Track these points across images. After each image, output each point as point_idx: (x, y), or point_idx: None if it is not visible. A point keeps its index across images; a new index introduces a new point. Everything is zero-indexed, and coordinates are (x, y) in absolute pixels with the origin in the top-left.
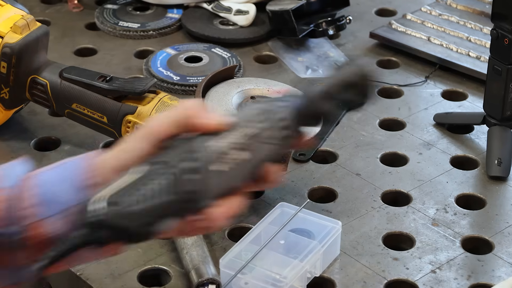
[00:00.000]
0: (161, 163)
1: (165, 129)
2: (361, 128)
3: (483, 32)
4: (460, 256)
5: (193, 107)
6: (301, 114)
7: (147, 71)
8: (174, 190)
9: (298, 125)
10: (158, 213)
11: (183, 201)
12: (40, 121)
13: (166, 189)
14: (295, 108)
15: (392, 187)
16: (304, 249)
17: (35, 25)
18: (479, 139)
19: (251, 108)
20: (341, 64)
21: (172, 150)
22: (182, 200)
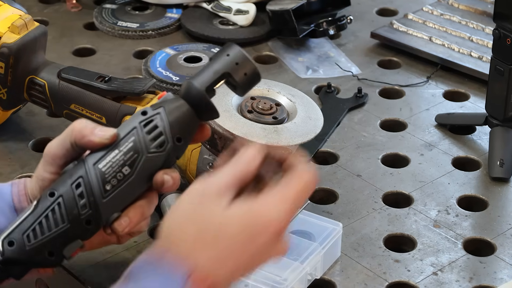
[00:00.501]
0: (49, 195)
1: (56, 153)
2: (362, 129)
3: (485, 32)
4: (462, 258)
5: (78, 127)
6: (176, 116)
7: (146, 72)
8: (64, 219)
9: (175, 130)
10: (56, 242)
11: (77, 227)
12: (38, 122)
13: (56, 220)
14: (166, 113)
15: (394, 188)
16: (304, 251)
17: (33, 25)
18: (481, 140)
19: (129, 120)
20: (214, 54)
21: (60, 179)
22: (75, 227)
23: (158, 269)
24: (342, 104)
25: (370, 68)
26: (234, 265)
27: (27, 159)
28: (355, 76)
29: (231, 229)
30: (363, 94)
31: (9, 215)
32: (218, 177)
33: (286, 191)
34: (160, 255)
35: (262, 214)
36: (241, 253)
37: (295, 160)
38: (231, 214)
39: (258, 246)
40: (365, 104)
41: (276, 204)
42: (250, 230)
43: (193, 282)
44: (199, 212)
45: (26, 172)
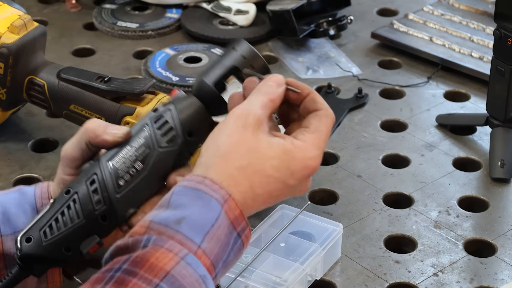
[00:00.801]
0: (65, 193)
1: (72, 155)
2: (362, 129)
3: (486, 32)
4: (463, 259)
5: (91, 127)
6: (187, 111)
7: (146, 72)
8: (79, 214)
9: (185, 124)
10: (72, 238)
11: (92, 222)
12: (37, 122)
13: (72, 216)
14: (176, 109)
15: (394, 189)
16: (304, 252)
17: (33, 25)
18: (482, 140)
19: (143, 118)
20: (223, 52)
21: (76, 178)
22: (90, 222)
23: (196, 196)
24: (343, 105)
25: (370, 69)
26: (265, 198)
27: (27, 160)
28: (355, 77)
29: (273, 162)
30: (363, 94)
31: (31, 215)
32: (251, 105)
33: (320, 134)
34: (199, 181)
35: (301, 155)
36: (275, 187)
37: (317, 97)
38: (272, 150)
39: (291, 183)
40: (365, 105)
41: (312, 147)
42: (289, 166)
43: (228, 207)
44: (240, 145)
45: (25, 173)
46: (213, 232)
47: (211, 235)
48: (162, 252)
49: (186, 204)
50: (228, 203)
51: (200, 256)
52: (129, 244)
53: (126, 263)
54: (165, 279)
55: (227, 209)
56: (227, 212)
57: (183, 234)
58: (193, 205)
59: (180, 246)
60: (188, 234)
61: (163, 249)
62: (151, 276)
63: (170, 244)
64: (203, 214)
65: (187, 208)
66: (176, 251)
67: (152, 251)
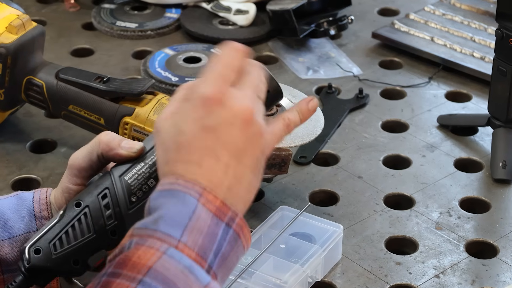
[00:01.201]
0: (75, 205)
1: (81, 165)
2: (363, 130)
3: (487, 32)
4: (464, 261)
5: (105, 140)
6: None
7: (145, 72)
8: (90, 229)
9: None
10: (82, 252)
11: (102, 237)
12: (36, 123)
13: (83, 230)
14: None
15: (395, 190)
16: (305, 254)
17: (31, 25)
18: (483, 141)
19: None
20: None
21: (86, 190)
22: (101, 237)
23: (171, 195)
24: (343, 105)
25: (371, 69)
26: (226, 161)
27: (25, 161)
28: (356, 77)
29: (188, 107)
30: (364, 94)
31: (28, 221)
32: (202, 83)
33: (246, 89)
34: (171, 183)
35: (191, 91)
36: (209, 138)
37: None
38: (171, 106)
39: (208, 122)
40: (366, 105)
41: (201, 80)
42: (194, 98)
43: (205, 200)
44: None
45: (23, 174)
46: (192, 225)
47: (191, 228)
48: (143, 250)
49: (162, 204)
50: (205, 196)
51: (182, 249)
52: (116, 253)
53: (111, 267)
54: (148, 274)
55: (204, 201)
56: (205, 204)
57: (161, 231)
58: (169, 204)
59: (160, 242)
60: (166, 230)
61: (144, 247)
62: (134, 273)
63: (150, 242)
64: (179, 209)
65: (163, 208)
66: (157, 247)
67: (134, 251)
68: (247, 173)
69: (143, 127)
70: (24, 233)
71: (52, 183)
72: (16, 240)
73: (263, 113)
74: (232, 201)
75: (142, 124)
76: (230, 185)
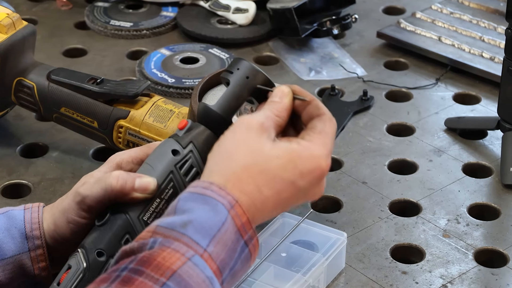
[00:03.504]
0: (97, 254)
1: (91, 204)
2: (367, 134)
3: (497, 31)
4: (473, 270)
5: (118, 186)
6: (206, 150)
7: (140, 73)
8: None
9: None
10: None
11: None
12: (26, 126)
13: None
14: (197, 149)
15: (401, 196)
16: (307, 262)
17: (21, 24)
18: (493, 145)
19: (161, 158)
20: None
21: (102, 234)
22: None
23: (203, 201)
24: (347, 108)
25: (376, 70)
26: (274, 200)
27: (15, 165)
28: (360, 78)
29: (279, 162)
30: (368, 97)
31: (20, 242)
32: (257, 114)
33: (326, 134)
34: (205, 187)
35: (308, 153)
36: (283, 188)
37: (320, 104)
38: (279, 149)
39: (301, 184)
40: (370, 108)
41: (320, 146)
42: (296, 166)
43: (235, 213)
44: (245, 146)
45: (14, 179)
46: (220, 237)
47: (218, 239)
48: (168, 252)
49: (193, 209)
50: (235, 209)
51: (206, 259)
52: (135, 248)
53: (133, 263)
54: (172, 278)
55: (234, 215)
56: (234, 217)
57: (189, 236)
58: (200, 209)
59: (187, 247)
60: (194, 237)
61: (169, 249)
62: (158, 275)
63: (176, 245)
64: (209, 217)
65: (193, 212)
66: (183, 252)
67: (159, 251)
68: (281, 204)
69: (138, 130)
70: (15, 254)
71: (43, 189)
72: (8, 262)
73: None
74: (257, 216)
75: (137, 128)
76: (260, 206)
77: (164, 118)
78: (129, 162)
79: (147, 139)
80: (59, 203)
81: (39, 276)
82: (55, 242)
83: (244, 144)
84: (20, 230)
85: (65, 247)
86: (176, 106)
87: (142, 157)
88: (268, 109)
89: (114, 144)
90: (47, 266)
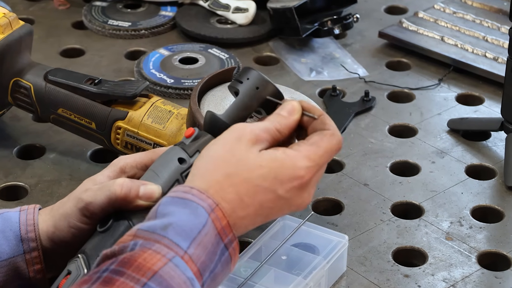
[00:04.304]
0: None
1: (95, 211)
2: (369, 135)
3: (500, 31)
4: (476, 273)
5: (122, 195)
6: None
7: (139, 74)
8: None
9: None
10: None
11: None
12: (23, 127)
13: None
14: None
15: (403, 198)
16: (307, 265)
17: (18, 23)
18: (496, 146)
19: (167, 166)
20: (237, 89)
21: (106, 242)
22: None
23: (183, 204)
24: (348, 108)
25: (378, 70)
26: (256, 208)
27: (12, 167)
28: (362, 79)
29: (260, 171)
30: (370, 97)
31: (15, 244)
32: (254, 124)
33: (317, 148)
34: (185, 191)
35: (290, 163)
36: (264, 197)
37: (327, 119)
38: (261, 159)
39: (281, 193)
40: (372, 109)
41: (304, 157)
42: (277, 175)
43: (215, 216)
44: (231, 155)
45: (10, 181)
46: (200, 239)
47: (198, 242)
48: (149, 254)
49: (173, 212)
50: (215, 212)
51: (187, 261)
52: (116, 250)
53: (113, 264)
54: (153, 279)
55: (214, 218)
56: (214, 221)
57: (169, 239)
58: (180, 212)
59: (167, 249)
60: (174, 239)
61: (150, 251)
62: (139, 275)
63: (157, 247)
64: (190, 220)
65: (174, 215)
66: (163, 253)
67: (140, 253)
68: (264, 214)
69: (136, 131)
70: (10, 257)
71: (40, 191)
72: (2, 265)
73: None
74: (239, 224)
75: (136, 129)
76: (241, 214)
77: (163, 119)
78: (133, 167)
79: (145, 141)
80: (59, 206)
81: (34, 278)
82: (53, 245)
83: (231, 153)
84: (15, 232)
85: (63, 250)
86: (175, 107)
87: (146, 162)
88: (271, 121)
89: (112, 146)
90: (42, 268)
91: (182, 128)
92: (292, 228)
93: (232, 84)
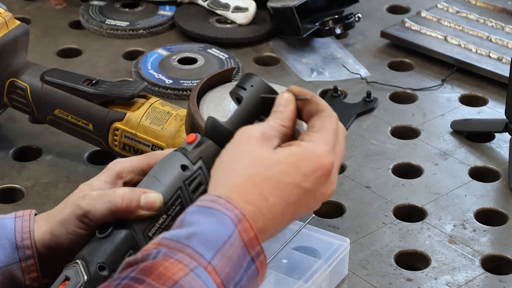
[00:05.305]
0: (99, 268)
1: (94, 219)
2: (371, 136)
3: (505, 31)
4: (480, 277)
5: (124, 206)
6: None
7: (137, 74)
8: None
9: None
10: None
11: None
12: (19, 129)
13: None
14: (206, 166)
15: (405, 201)
16: (308, 269)
17: (14, 23)
18: (500, 148)
19: (170, 172)
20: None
21: (105, 248)
22: None
23: (209, 213)
24: (350, 109)
25: (380, 70)
26: (282, 206)
27: (8, 169)
28: (363, 79)
29: (280, 167)
30: (372, 98)
31: (10, 252)
32: (259, 124)
33: (326, 131)
34: (212, 200)
35: (309, 154)
36: (289, 193)
37: (319, 99)
38: (279, 154)
39: (307, 186)
40: (374, 110)
41: (320, 144)
42: (299, 169)
43: (242, 227)
44: (245, 156)
45: (6, 183)
46: (225, 250)
47: (223, 253)
48: (171, 263)
49: (198, 221)
50: (243, 224)
51: (210, 272)
52: (138, 258)
53: (134, 272)
54: None
55: (241, 229)
56: (241, 232)
57: (193, 248)
58: (206, 222)
59: (190, 259)
60: (198, 249)
61: (172, 260)
62: (159, 284)
63: (180, 256)
64: (215, 230)
65: (199, 224)
66: (186, 263)
67: (161, 261)
68: (291, 211)
69: (134, 133)
70: (5, 265)
71: (36, 193)
72: None
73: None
74: (262, 237)
75: (134, 130)
76: (268, 214)
77: (161, 121)
78: (129, 172)
79: (143, 142)
80: (56, 212)
81: (30, 287)
82: (49, 251)
83: (245, 154)
84: (10, 240)
85: (60, 255)
86: (174, 108)
87: (143, 167)
88: (272, 119)
89: (110, 147)
90: (38, 276)
91: (181, 130)
92: (292, 231)
93: (235, 90)
